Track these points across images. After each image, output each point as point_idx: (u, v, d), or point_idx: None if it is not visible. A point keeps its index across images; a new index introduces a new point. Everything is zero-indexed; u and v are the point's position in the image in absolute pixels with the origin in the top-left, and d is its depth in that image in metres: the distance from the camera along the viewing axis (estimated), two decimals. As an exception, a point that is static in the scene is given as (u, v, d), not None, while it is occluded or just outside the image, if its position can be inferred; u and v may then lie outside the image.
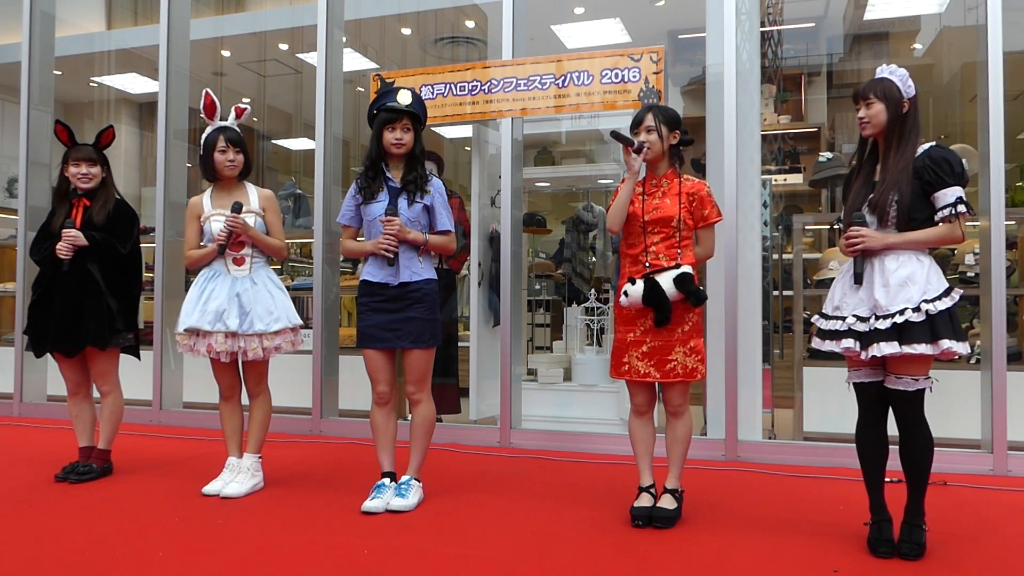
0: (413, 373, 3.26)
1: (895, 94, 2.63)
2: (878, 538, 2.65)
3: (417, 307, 3.23)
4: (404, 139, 3.21)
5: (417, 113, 3.24)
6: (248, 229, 3.45)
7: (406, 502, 3.17)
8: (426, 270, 3.28)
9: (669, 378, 2.98)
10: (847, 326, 2.62)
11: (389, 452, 3.34)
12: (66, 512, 3.17)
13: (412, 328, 3.22)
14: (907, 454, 2.66)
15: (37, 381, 5.83)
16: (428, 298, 3.25)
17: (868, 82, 2.69)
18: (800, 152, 7.38)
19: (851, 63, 7.54)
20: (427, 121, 3.38)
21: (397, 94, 3.23)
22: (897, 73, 2.67)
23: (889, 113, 2.62)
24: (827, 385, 4.56)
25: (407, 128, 3.22)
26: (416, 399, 3.30)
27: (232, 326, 3.40)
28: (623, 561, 2.60)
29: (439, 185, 3.32)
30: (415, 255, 3.25)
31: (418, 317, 3.22)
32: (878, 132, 2.67)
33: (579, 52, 5.11)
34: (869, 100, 2.65)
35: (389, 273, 3.21)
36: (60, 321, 3.62)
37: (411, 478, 3.28)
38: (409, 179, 3.22)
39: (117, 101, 8.39)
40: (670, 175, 3.06)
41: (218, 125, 3.52)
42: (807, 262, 5.21)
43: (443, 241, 3.30)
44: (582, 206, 6.14)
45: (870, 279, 2.61)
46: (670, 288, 2.90)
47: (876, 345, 2.54)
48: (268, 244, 3.54)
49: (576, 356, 5.33)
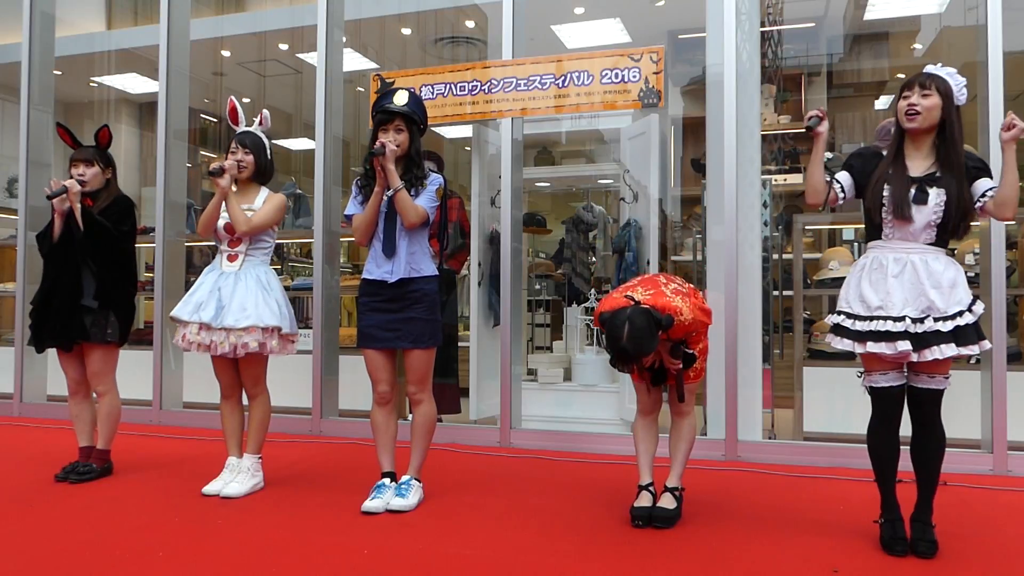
0: (414, 373, 3.25)
1: (952, 94, 2.60)
2: (893, 536, 2.65)
3: (417, 307, 3.21)
4: (396, 140, 3.18)
5: (411, 114, 3.22)
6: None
7: (406, 502, 3.16)
8: (426, 267, 3.25)
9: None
10: (904, 327, 2.53)
11: (389, 452, 3.34)
12: (66, 512, 3.17)
13: (413, 328, 3.20)
14: (922, 452, 2.65)
15: (37, 381, 5.83)
16: (428, 298, 3.23)
17: (928, 73, 2.62)
18: (800, 152, 7.37)
19: (851, 63, 7.54)
20: (428, 121, 3.36)
21: (394, 95, 3.22)
22: (956, 77, 2.63)
23: (943, 110, 2.59)
24: (827, 385, 4.56)
25: (400, 129, 3.20)
26: (417, 399, 3.29)
27: (206, 318, 3.41)
28: (623, 561, 2.60)
29: (435, 180, 3.28)
30: (417, 249, 3.23)
31: (418, 317, 3.20)
32: (925, 128, 2.61)
33: (579, 52, 5.11)
34: (928, 91, 2.58)
35: (385, 271, 3.19)
36: (56, 316, 3.64)
37: (411, 478, 3.28)
38: (405, 180, 3.20)
39: (117, 101, 8.40)
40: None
41: (240, 130, 3.59)
42: (807, 262, 5.21)
43: (412, 205, 3.14)
44: (582, 206, 6.14)
45: (915, 278, 2.56)
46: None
47: (937, 348, 2.50)
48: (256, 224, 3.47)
49: (576, 356, 5.34)
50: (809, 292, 5.09)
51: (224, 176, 3.40)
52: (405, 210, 3.14)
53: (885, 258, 2.62)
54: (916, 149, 2.66)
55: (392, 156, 3.13)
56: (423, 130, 3.32)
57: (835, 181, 2.76)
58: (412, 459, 3.31)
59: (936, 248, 2.61)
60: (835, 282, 4.83)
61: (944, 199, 2.56)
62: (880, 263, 2.63)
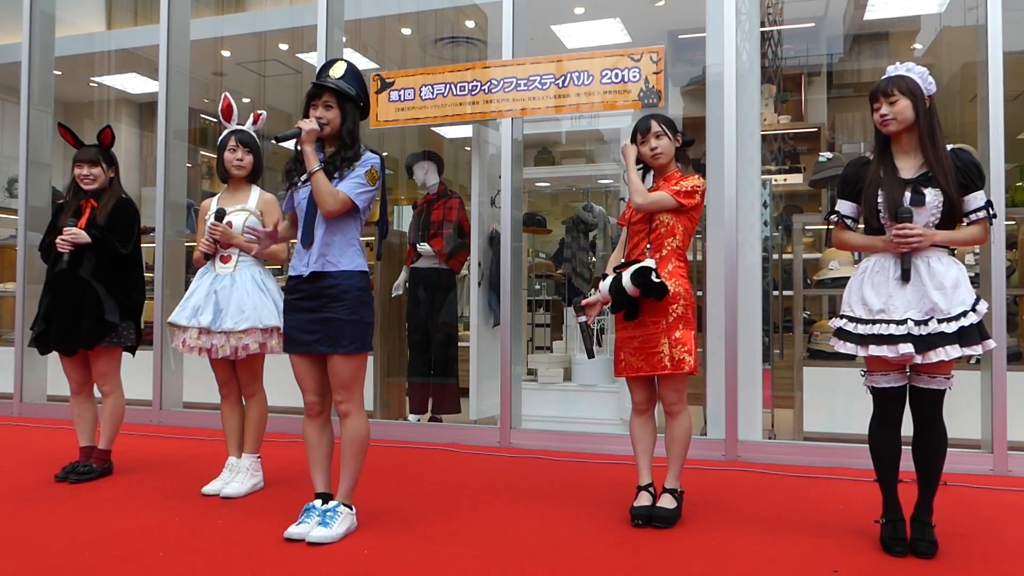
0: (337, 380, 2.86)
1: (918, 90, 2.61)
2: (893, 537, 2.65)
3: (335, 306, 2.81)
4: (325, 117, 2.85)
5: (344, 90, 2.87)
6: (232, 237, 3.45)
7: (328, 532, 2.76)
8: (345, 260, 2.85)
9: (657, 370, 2.98)
10: (906, 330, 2.53)
11: (323, 470, 2.97)
12: (66, 512, 3.17)
13: (330, 330, 2.81)
14: (924, 452, 2.66)
15: (37, 381, 5.83)
16: (348, 295, 2.83)
17: (888, 79, 2.64)
18: (800, 152, 7.37)
19: (851, 63, 7.53)
20: (369, 101, 3.02)
21: (331, 67, 2.92)
22: (915, 70, 2.65)
23: (915, 109, 2.60)
24: (827, 385, 4.56)
25: (329, 106, 2.86)
26: (343, 410, 2.88)
27: (204, 322, 3.42)
28: (623, 561, 2.60)
29: (367, 161, 2.88)
30: (335, 240, 2.86)
31: (336, 318, 2.81)
32: (903, 129, 2.63)
33: (579, 52, 5.11)
34: (893, 97, 2.60)
35: (303, 263, 2.86)
36: (61, 319, 3.65)
37: (338, 504, 2.87)
38: (331, 162, 2.84)
39: (117, 101, 8.39)
40: (671, 176, 3.08)
41: (233, 128, 3.59)
42: (807, 262, 5.21)
43: (329, 190, 2.79)
44: (582, 206, 6.13)
45: (918, 280, 2.56)
46: (627, 282, 2.91)
47: (942, 349, 2.50)
48: (253, 249, 3.51)
49: (576, 356, 5.34)
50: (809, 292, 5.09)
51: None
52: (321, 196, 2.78)
53: (888, 260, 2.63)
54: (902, 150, 2.68)
55: (312, 136, 2.79)
56: (364, 109, 2.98)
57: (843, 218, 2.76)
58: (341, 482, 2.90)
59: (937, 248, 2.61)
60: (835, 282, 4.84)
61: (942, 199, 2.57)
62: (883, 265, 2.63)
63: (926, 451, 2.65)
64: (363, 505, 3.08)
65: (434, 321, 5.36)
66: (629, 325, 3.03)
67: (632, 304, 2.96)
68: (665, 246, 3.02)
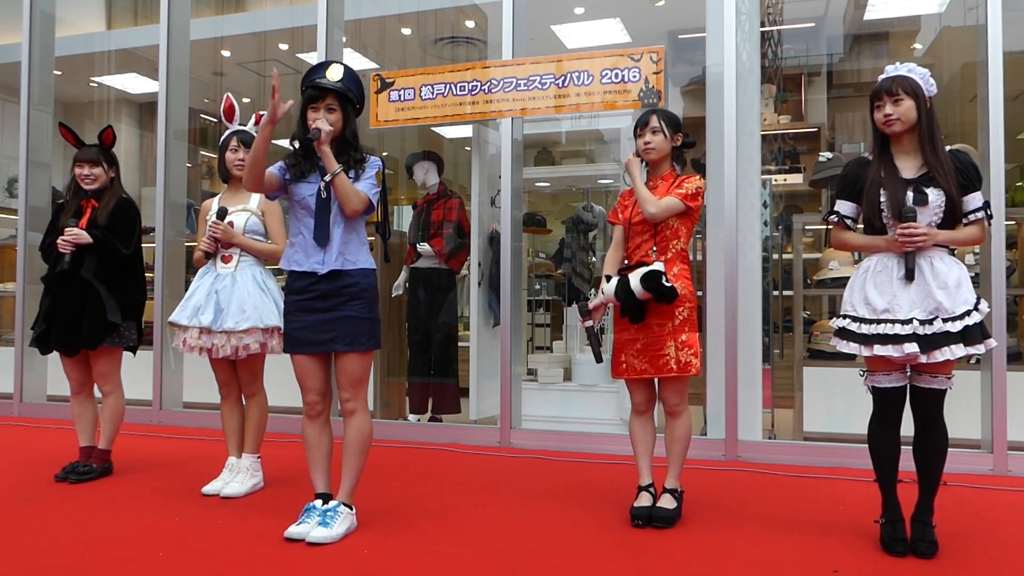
0: (347, 378, 2.87)
1: (920, 91, 2.62)
2: (893, 537, 2.65)
3: (354, 304, 2.84)
4: (329, 120, 2.83)
5: (345, 92, 2.86)
6: (233, 236, 3.46)
7: (328, 532, 2.76)
8: (363, 259, 2.89)
9: (663, 373, 2.98)
10: (912, 330, 2.52)
11: (323, 471, 2.97)
12: (66, 512, 3.17)
13: (348, 329, 2.83)
14: (924, 452, 2.65)
15: (37, 381, 5.83)
16: (366, 294, 2.87)
17: (892, 78, 2.64)
18: (800, 152, 7.37)
19: (851, 63, 7.53)
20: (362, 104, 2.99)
21: (327, 69, 2.87)
22: (917, 71, 2.65)
23: (918, 110, 2.60)
24: (827, 385, 4.56)
25: (332, 108, 2.84)
26: (350, 408, 2.89)
27: (205, 322, 3.42)
28: (623, 561, 2.60)
29: (374, 163, 2.93)
30: (353, 239, 2.88)
31: (354, 316, 2.84)
32: (905, 129, 2.63)
33: (579, 52, 5.11)
34: (898, 97, 2.60)
35: (316, 261, 2.83)
36: (62, 320, 3.65)
37: (339, 503, 2.88)
38: (342, 163, 2.85)
39: (117, 101, 8.39)
40: (667, 176, 3.07)
41: (235, 128, 3.59)
42: (807, 262, 5.21)
43: (353, 190, 2.80)
44: (582, 206, 6.13)
45: (921, 280, 2.56)
46: (636, 286, 2.91)
47: (948, 348, 2.49)
48: (257, 249, 3.52)
49: (576, 356, 5.34)
50: (809, 292, 5.09)
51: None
52: (347, 196, 2.79)
53: (890, 260, 2.62)
54: (902, 151, 2.68)
55: (328, 138, 2.80)
56: (359, 110, 2.97)
57: (843, 218, 2.76)
58: (343, 481, 2.91)
59: (939, 248, 2.61)
60: (835, 282, 4.83)
61: (944, 199, 2.57)
62: (885, 265, 2.63)
63: (927, 451, 2.65)
64: (363, 505, 3.07)
65: (434, 321, 5.36)
66: (631, 327, 3.02)
67: (639, 307, 2.96)
68: (670, 248, 3.02)
